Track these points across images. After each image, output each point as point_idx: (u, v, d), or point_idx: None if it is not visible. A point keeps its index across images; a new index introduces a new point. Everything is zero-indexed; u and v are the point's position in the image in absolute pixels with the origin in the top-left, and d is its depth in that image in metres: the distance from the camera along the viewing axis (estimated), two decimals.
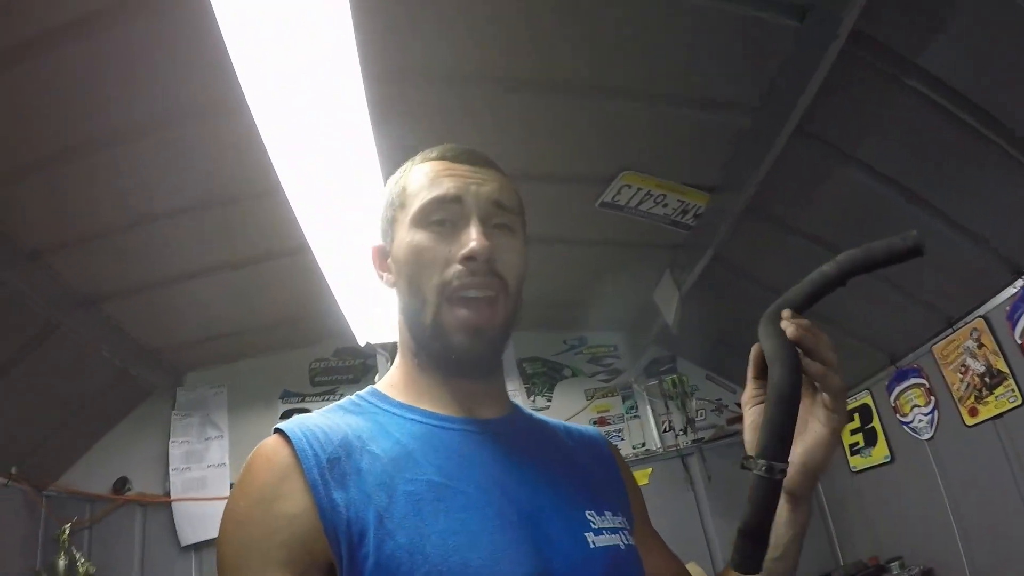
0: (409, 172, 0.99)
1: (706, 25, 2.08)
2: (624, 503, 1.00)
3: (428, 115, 2.36)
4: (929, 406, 2.81)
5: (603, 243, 3.21)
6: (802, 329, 0.81)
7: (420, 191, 0.94)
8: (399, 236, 0.95)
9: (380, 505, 0.78)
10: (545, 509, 0.86)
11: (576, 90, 2.35)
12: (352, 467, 0.81)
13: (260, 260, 2.99)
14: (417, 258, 0.91)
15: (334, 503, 0.77)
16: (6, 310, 2.48)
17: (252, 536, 0.77)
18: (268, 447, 0.83)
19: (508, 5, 2.03)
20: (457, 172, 0.94)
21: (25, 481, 3.03)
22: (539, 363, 4.09)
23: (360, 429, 0.86)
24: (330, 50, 1.49)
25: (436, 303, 0.89)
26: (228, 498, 0.82)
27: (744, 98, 2.31)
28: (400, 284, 0.95)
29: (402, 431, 0.88)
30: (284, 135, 1.74)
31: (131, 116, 2.13)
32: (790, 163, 2.38)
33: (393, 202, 0.98)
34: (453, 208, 0.91)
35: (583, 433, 1.08)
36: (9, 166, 2.14)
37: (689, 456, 3.81)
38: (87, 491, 3.37)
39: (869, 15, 1.79)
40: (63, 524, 3.11)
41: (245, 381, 3.80)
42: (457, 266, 0.88)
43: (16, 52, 1.82)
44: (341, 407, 0.93)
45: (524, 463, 0.90)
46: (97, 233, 2.54)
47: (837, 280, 0.82)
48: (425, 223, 0.92)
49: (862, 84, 2.09)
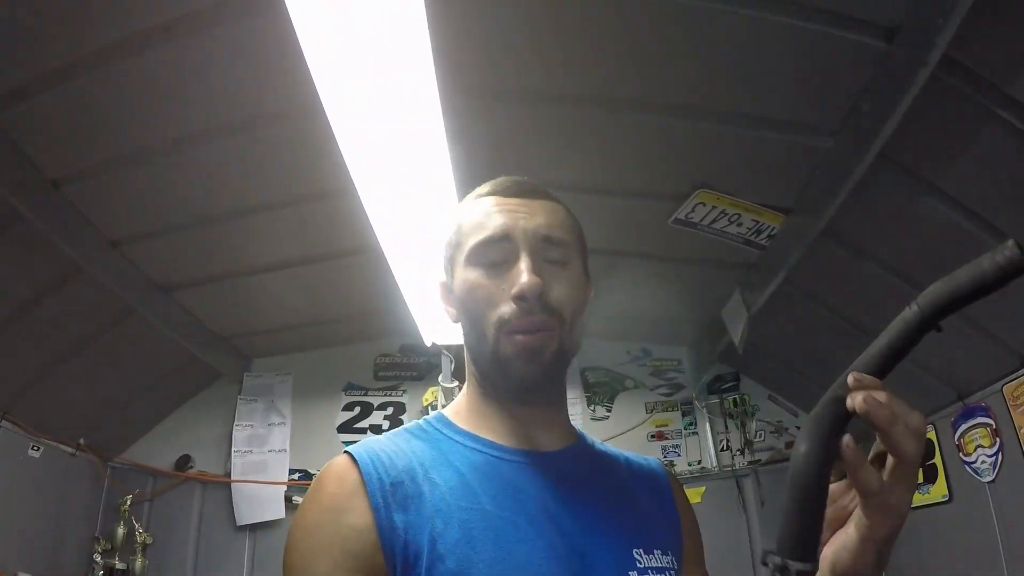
0: (463, 210, 1.03)
1: (788, 44, 2.00)
2: (676, 540, 1.00)
3: (500, 130, 2.39)
4: (994, 447, 2.66)
5: (675, 259, 3.16)
6: (873, 401, 0.63)
7: (473, 231, 0.97)
8: (457, 274, 0.99)
9: (435, 530, 0.82)
10: (594, 545, 0.88)
11: (651, 107, 2.32)
12: (414, 492, 0.85)
13: (331, 257, 3.07)
14: (473, 296, 0.95)
15: (393, 524, 0.82)
16: (86, 292, 2.62)
17: (321, 543, 0.82)
18: (338, 466, 0.88)
19: (580, 23, 2.01)
20: (507, 207, 0.97)
21: (92, 451, 3.20)
22: (602, 372, 4.05)
23: (424, 456, 0.91)
24: (406, 61, 1.53)
25: (493, 336, 0.92)
26: (296, 511, 0.88)
27: (825, 120, 2.22)
28: (462, 319, 1.00)
29: (462, 460, 0.91)
30: (359, 139, 1.80)
31: (212, 118, 2.22)
32: (870, 189, 2.28)
33: (451, 241, 1.02)
34: (503, 246, 0.94)
35: (643, 466, 1.08)
36: (96, 160, 2.25)
37: (744, 478, 3.70)
38: (151, 465, 3.53)
39: (961, 40, 1.69)
40: (125, 495, 3.28)
41: (311, 371, 3.90)
42: (511, 304, 0.91)
43: (106, 53, 1.90)
44: (408, 431, 0.98)
45: (578, 497, 0.92)
46: (175, 226, 2.65)
47: (920, 326, 0.62)
48: (478, 262, 0.95)
49: (950, 112, 1.97)
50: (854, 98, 2.09)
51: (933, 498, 3.05)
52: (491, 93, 2.26)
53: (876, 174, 2.21)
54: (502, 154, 2.44)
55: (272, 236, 2.84)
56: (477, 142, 2.26)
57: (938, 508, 3.02)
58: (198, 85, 2.08)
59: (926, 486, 3.09)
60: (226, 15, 1.88)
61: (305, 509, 0.86)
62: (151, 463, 3.54)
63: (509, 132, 2.41)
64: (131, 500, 3.28)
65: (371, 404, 3.86)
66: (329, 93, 1.61)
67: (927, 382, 2.90)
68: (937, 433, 3.03)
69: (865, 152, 2.10)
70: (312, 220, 2.78)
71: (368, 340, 3.95)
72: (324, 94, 1.60)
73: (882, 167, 2.19)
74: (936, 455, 3.03)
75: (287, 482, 3.58)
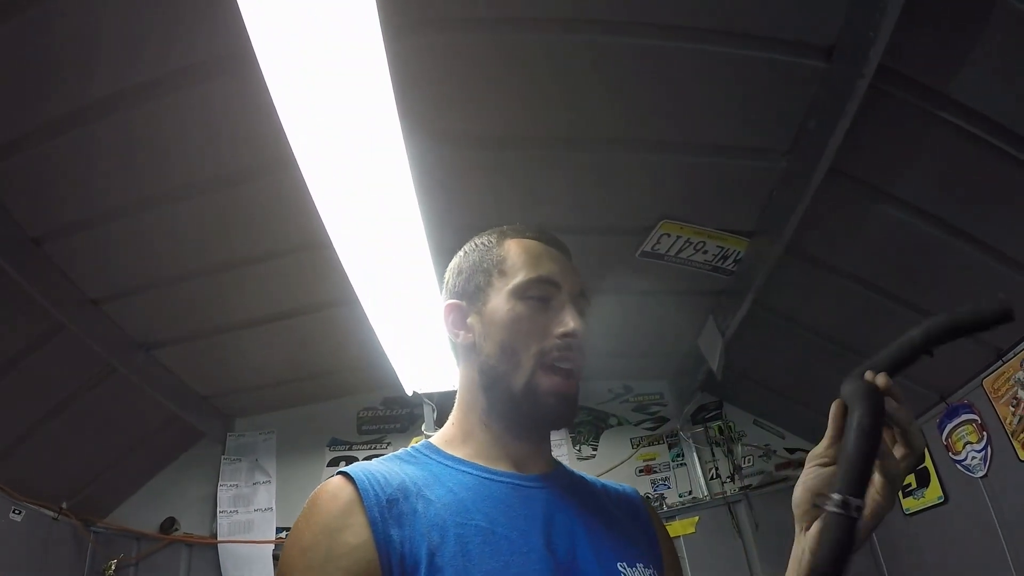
0: (507, 244, 1.08)
1: (733, 73, 2.11)
2: (656, 556, 1.05)
3: (469, 177, 2.46)
4: (982, 442, 2.69)
5: (646, 292, 3.22)
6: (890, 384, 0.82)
7: (524, 266, 1.03)
8: (494, 302, 1.03)
9: (432, 544, 0.84)
10: (582, 559, 0.92)
11: (611, 144, 2.42)
12: (409, 508, 0.88)
13: (310, 311, 3.10)
14: (517, 326, 1.00)
15: (390, 539, 0.84)
16: (68, 351, 2.62)
17: (316, 561, 0.83)
18: (333, 485, 0.90)
19: (538, 67, 2.11)
20: (554, 256, 1.07)
21: (75, 515, 3.14)
22: (584, 412, 4.06)
23: (416, 477, 0.94)
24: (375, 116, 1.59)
25: (532, 369, 0.98)
26: (290, 531, 0.90)
27: (776, 142, 2.33)
28: (487, 347, 1.02)
29: (454, 481, 0.95)
30: (332, 191, 1.84)
31: (189, 175, 2.28)
32: (826, 204, 2.38)
33: (489, 268, 1.06)
34: (551, 289, 1.02)
35: (619, 491, 1.15)
36: (75, 217, 2.29)
37: (736, 503, 3.70)
38: (135, 528, 3.46)
39: (895, 50, 1.80)
40: (109, 560, 3.21)
41: (294, 428, 3.88)
42: (555, 340, 0.99)
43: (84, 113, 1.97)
44: (398, 456, 1.01)
45: (565, 515, 0.97)
46: (154, 283, 2.68)
47: (922, 347, 0.81)
48: (525, 296, 1.01)
49: (893, 120, 2.09)
50: (801, 118, 2.20)
51: (929, 501, 3.06)
52: (455, 139, 2.33)
53: (830, 188, 2.31)
54: (468, 199, 2.51)
55: (251, 291, 2.87)
56: (446, 188, 2.34)
57: (935, 510, 3.03)
58: (176, 143, 2.15)
59: (920, 490, 3.10)
60: (201, 75, 1.96)
61: (300, 529, 0.87)
62: (135, 526, 3.47)
63: (475, 177, 2.48)
64: (116, 565, 3.21)
65: (356, 459, 3.83)
66: (301, 147, 1.66)
67: (907, 387, 2.93)
68: (925, 437, 3.06)
69: (816, 169, 2.20)
70: (290, 274, 2.81)
71: (350, 395, 3.95)
72: (297, 148, 1.65)
73: (835, 181, 2.30)
74: (927, 458, 3.05)
75: (274, 540, 3.52)
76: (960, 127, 1.99)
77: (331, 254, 2.10)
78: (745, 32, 1.99)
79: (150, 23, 1.80)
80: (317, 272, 2.72)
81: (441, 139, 2.27)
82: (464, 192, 2.49)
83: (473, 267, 1.07)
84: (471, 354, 1.05)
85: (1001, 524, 2.65)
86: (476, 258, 1.08)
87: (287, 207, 2.32)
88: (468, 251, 1.11)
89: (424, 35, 1.96)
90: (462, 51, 2.04)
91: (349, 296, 2.39)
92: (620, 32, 2.01)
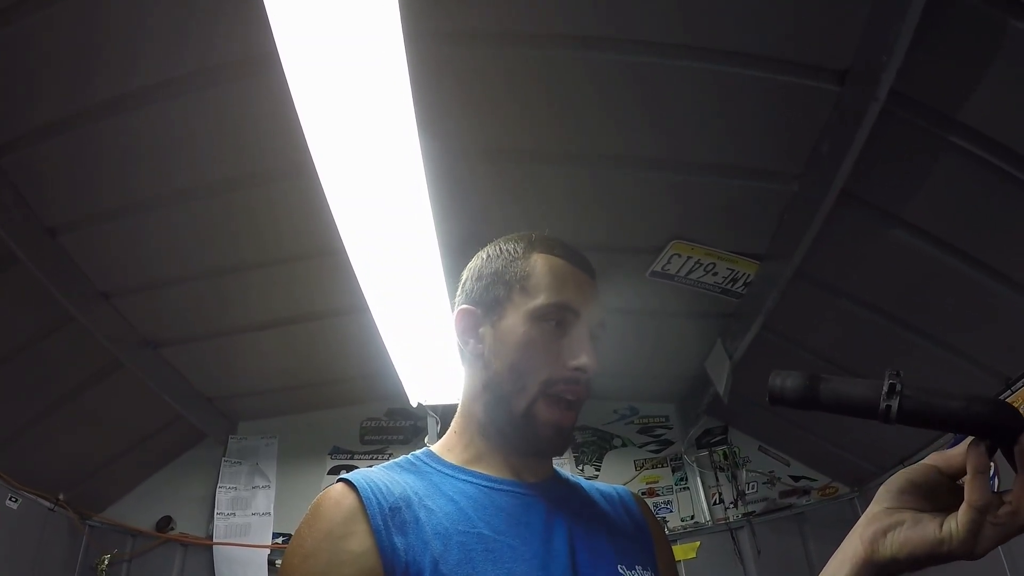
0: (533, 258, 1.03)
1: (748, 94, 2.12)
2: (651, 557, 1.05)
3: (484, 191, 2.47)
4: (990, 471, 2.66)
5: (655, 313, 3.20)
6: None
7: (547, 288, 0.99)
8: (511, 318, 1.00)
9: (436, 552, 0.85)
10: (583, 564, 0.92)
11: (624, 162, 2.43)
12: (411, 517, 0.88)
13: (319, 317, 3.10)
14: (528, 349, 0.98)
15: (394, 547, 0.84)
16: (76, 343, 2.64)
17: (318, 568, 0.83)
18: (336, 492, 0.90)
19: (562, 83, 2.13)
20: (581, 281, 1.03)
21: (71, 508, 3.14)
22: (588, 432, 4.04)
23: (416, 487, 0.94)
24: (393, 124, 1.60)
25: (534, 394, 0.97)
26: (292, 538, 0.89)
27: (788, 165, 2.33)
28: (496, 364, 1.00)
29: (455, 490, 0.95)
30: (348, 200, 1.84)
31: (207, 175, 2.30)
32: (837, 228, 2.37)
33: (511, 282, 1.02)
34: (571, 316, 0.99)
35: (613, 493, 1.14)
36: (91, 211, 2.32)
37: (739, 530, 3.66)
38: (131, 525, 3.46)
39: (907, 75, 1.81)
40: (103, 554, 3.20)
41: (296, 434, 3.88)
42: (566, 372, 0.97)
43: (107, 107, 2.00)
44: (398, 464, 1.00)
45: (564, 521, 0.97)
46: (165, 281, 2.70)
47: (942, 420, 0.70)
48: (542, 318, 0.98)
49: (905, 144, 2.08)
50: (814, 141, 2.20)
51: None
52: (473, 154, 2.35)
53: (841, 212, 2.31)
54: (484, 213, 2.51)
55: (261, 295, 2.88)
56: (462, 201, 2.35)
57: None
58: (196, 142, 2.17)
59: None
60: (224, 75, 1.98)
61: (302, 536, 0.86)
62: (132, 522, 3.46)
63: (490, 192, 2.49)
64: (109, 560, 3.20)
65: (357, 467, 3.81)
66: (321, 154, 1.66)
67: None
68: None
69: (828, 192, 2.20)
70: (301, 279, 2.83)
71: (354, 404, 3.95)
72: (316, 154, 1.65)
73: (846, 204, 2.29)
74: None
75: (270, 545, 3.50)
76: (971, 152, 1.99)
77: (343, 261, 2.09)
78: (760, 55, 2.01)
79: (186, 19, 1.82)
80: (328, 279, 2.73)
81: (457, 151, 2.28)
82: (479, 205, 2.49)
83: (494, 275, 1.03)
84: (478, 364, 1.03)
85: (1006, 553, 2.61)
86: (499, 266, 1.04)
87: (303, 212, 2.33)
88: (492, 255, 1.06)
89: (446, 47, 1.98)
90: (483, 65, 2.06)
91: (358, 304, 2.39)
92: (636, 52, 2.03)
